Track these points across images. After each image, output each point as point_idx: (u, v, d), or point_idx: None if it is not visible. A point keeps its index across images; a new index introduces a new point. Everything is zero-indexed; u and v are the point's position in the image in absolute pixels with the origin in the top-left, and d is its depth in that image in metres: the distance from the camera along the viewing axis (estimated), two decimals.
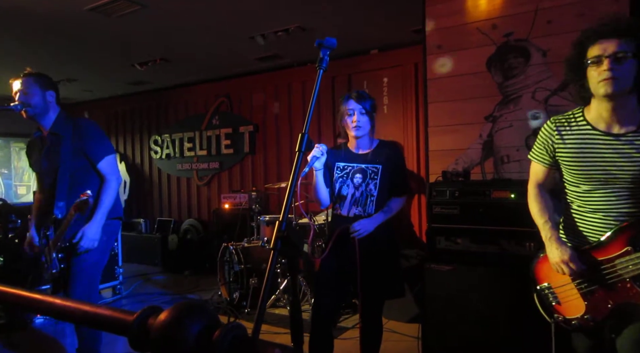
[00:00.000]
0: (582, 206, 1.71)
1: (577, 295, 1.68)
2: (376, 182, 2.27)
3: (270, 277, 0.96)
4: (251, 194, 5.19)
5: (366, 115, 2.27)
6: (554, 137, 1.73)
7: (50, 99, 2.47)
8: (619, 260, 1.57)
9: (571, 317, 1.69)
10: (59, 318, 0.77)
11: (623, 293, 1.57)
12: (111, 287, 4.76)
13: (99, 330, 2.47)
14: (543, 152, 1.79)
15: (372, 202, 2.28)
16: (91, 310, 0.69)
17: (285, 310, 4.02)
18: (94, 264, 2.47)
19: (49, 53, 4.87)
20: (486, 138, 2.95)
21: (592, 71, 1.58)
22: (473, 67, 2.97)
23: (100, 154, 2.46)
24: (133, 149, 7.33)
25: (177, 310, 0.59)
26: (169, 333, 0.57)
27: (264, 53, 5.01)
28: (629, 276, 1.55)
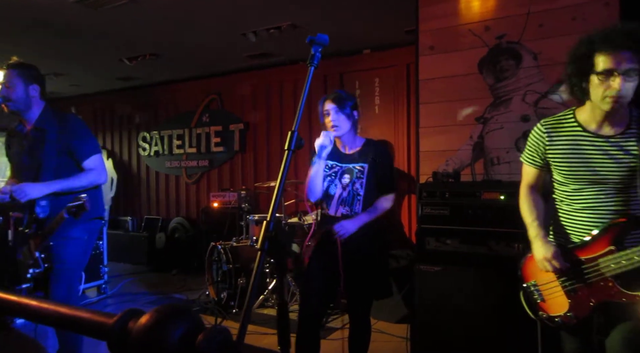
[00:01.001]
0: (571, 205, 1.73)
1: (561, 292, 1.71)
2: (362, 181, 2.26)
3: (256, 280, 0.94)
4: (240, 193, 5.15)
5: (342, 114, 2.26)
6: (544, 139, 1.75)
7: (34, 93, 2.38)
8: (602, 259, 1.61)
9: (554, 315, 1.72)
10: (35, 321, 0.74)
11: (604, 292, 1.61)
12: (96, 287, 4.68)
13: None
14: (534, 154, 1.81)
15: (359, 202, 2.26)
16: (69, 313, 0.66)
17: (274, 310, 3.99)
18: (75, 264, 2.43)
19: (35, 46, 4.77)
20: (477, 139, 2.96)
21: (599, 82, 1.53)
22: (465, 69, 2.98)
23: (86, 152, 2.40)
24: (121, 146, 7.23)
25: (159, 314, 0.57)
26: (149, 337, 0.55)
27: (256, 50, 4.97)
28: (611, 275, 1.59)
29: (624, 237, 1.60)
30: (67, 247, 2.36)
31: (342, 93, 2.32)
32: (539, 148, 1.77)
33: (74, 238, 2.39)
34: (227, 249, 4.10)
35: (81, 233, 2.42)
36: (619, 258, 1.56)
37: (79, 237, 2.41)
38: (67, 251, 2.36)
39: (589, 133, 1.66)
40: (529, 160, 1.85)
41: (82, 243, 2.43)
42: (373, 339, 2.42)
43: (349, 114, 2.28)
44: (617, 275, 1.58)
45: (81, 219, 2.39)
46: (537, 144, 1.78)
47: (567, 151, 1.69)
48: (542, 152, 1.77)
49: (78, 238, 2.41)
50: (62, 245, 2.34)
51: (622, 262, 1.55)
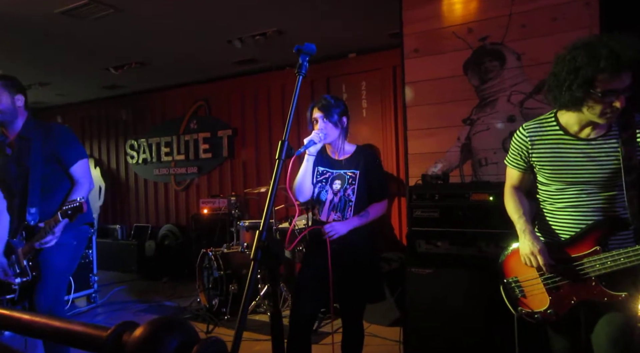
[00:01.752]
0: (554, 204, 1.76)
1: (542, 289, 1.74)
2: (354, 187, 2.27)
3: (250, 289, 0.94)
4: (230, 199, 5.12)
5: (329, 122, 2.27)
6: (527, 144, 1.76)
7: (20, 104, 2.40)
8: (588, 258, 1.63)
9: (534, 311, 1.75)
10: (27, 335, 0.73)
11: (587, 291, 1.64)
12: (86, 296, 4.61)
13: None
14: (517, 158, 1.83)
15: (350, 208, 2.27)
16: (62, 326, 0.66)
17: (266, 316, 3.98)
18: (63, 270, 2.41)
19: (20, 56, 4.72)
20: (464, 141, 2.99)
21: (599, 99, 1.50)
22: (450, 71, 3.01)
23: (72, 158, 2.41)
24: (108, 154, 7.16)
25: (153, 326, 0.57)
26: (144, 350, 0.55)
27: (242, 57, 4.97)
28: (595, 274, 1.61)
29: (609, 238, 1.63)
30: (56, 253, 2.34)
31: (330, 99, 2.32)
32: (522, 152, 1.79)
33: (63, 245, 2.36)
34: (218, 256, 4.08)
35: (70, 240, 2.40)
36: (604, 259, 1.59)
37: (68, 243, 2.39)
38: (55, 257, 2.34)
39: (571, 136, 1.68)
40: (512, 164, 1.87)
41: (71, 249, 2.41)
42: (366, 343, 2.42)
43: (337, 121, 2.28)
44: (601, 275, 1.60)
45: (70, 224, 2.38)
46: (520, 148, 1.80)
47: (550, 155, 1.71)
48: (525, 156, 1.79)
49: (67, 244, 2.39)
50: (51, 251, 2.32)
51: (607, 262, 1.58)
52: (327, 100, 2.32)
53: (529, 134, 1.76)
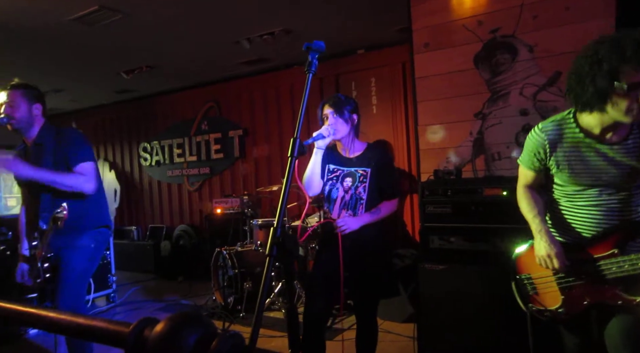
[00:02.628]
0: (573, 201, 1.72)
1: (555, 288, 1.71)
2: (365, 185, 2.27)
3: (266, 285, 0.95)
4: (243, 198, 5.16)
5: (340, 118, 2.27)
6: (545, 147, 1.68)
7: (37, 112, 2.44)
8: (604, 261, 1.60)
9: (545, 308, 1.73)
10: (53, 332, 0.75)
11: (602, 293, 1.60)
12: (105, 296, 4.71)
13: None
14: (533, 159, 1.76)
15: (361, 205, 2.28)
16: (86, 323, 0.68)
17: (280, 313, 4.00)
18: (82, 272, 2.45)
19: (34, 65, 4.81)
20: (476, 135, 2.97)
21: (625, 94, 1.43)
22: (461, 65, 2.99)
23: (77, 158, 2.40)
24: (122, 157, 7.26)
25: (173, 321, 0.59)
26: (165, 344, 0.57)
27: (251, 57, 5.00)
28: (611, 277, 1.58)
29: (628, 242, 1.59)
30: (75, 255, 2.40)
31: (340, 97, 2.33)
32: (538, 154, 1.72)
33: (81, 247, 2.43)
34: (232, 254, 4.12)
35: (88, 242, 2.46)
36: (622, 263, 1.55)
37: (86, 245, 2.45)
38: (74, 259, 2.40)
39: (592, 139, 1.61)
40: (527, 165, 1.80)
41: (89, 251, 2.46)
42: (380, 339, 2.43)
43: (347, 118, 2.29)
44: (617, 278, 1.57)
45: (87, 227, 2.44)
46: (536, 149, 1.72)
47: (570, 158, 1.65)
48: (542, 159, 1.72)
49: (85, 247, 2.45)
50: (70, 254, 2.39)
51: (625, 266, 1.55)
52: (338, 97, 2.34)
53: (547, 136, 1.68)
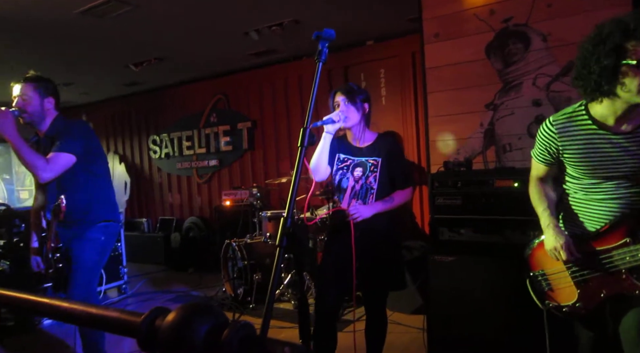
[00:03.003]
0: (588, 195, 1.69)
1: (570, 283, 1.69)
2: (376, 175, 2.26)
3: (277, 276, 0.95)
4: (252, 190, 5.17)
5: (352, 106, 2.26)
6: (557, 140, 1.65)
7: (49, 106, 2.44)
8: (617, 251, 1.57)
9: (563, 304, 1.71)
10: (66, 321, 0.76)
11: (617, 284, 1.58)
12: (116, 287, 4.77)
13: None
14: (545, 153, 1.74)
15: (372, 195, 2.27)
16: (98, 313, 0.69)
17: (290, 304, 4.02)
18: (92, 264, 2.48)
19: (43, 58, 4.84)
20: (487, 126, 2.93)
21: (635, 70, 1.39)
22: (472, 55, 2.95)
23: (59, 146, 2.30)
24: (132, 150, 7.31)
25: (185, 311, 0.59)
26: (177, 334, 0.57)
27: (259, 48, 4.98)
28: (625, 267, 1.55)
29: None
30: (85, 248, 2.43)
31: (352, 85, 2.33)
32: (550, 148, 1.69)
33: (91, 240, 2.46)
34: (242, 246, 4.14)
35: (98, 235, 2.49)
36: (635, 251, 1.53)
37: (96, 237, 2.47)
38: (84, 251, 2.43)
39: (606, 131, 1.56)
40: (539, 158, 1.78)
41: (99, 244, 2.49)
42: (389, 330, 2.43)
43: (359, 106, 2.28)
44: (632, 267, 1.54)
45: (94, 220, 2.46)
46: (548, 143, 1.69)
47: (584, 151, 1.61)
48: (555, 152, 1.69)
49: (95, 239, 2.47)
50: (80, 246, 2.42)
51: (638, 255, 1.52)
52: (350, 85, 2.33)
53: (558, 130, 1.64)
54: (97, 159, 2.53)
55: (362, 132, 2.32)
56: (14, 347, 3.34)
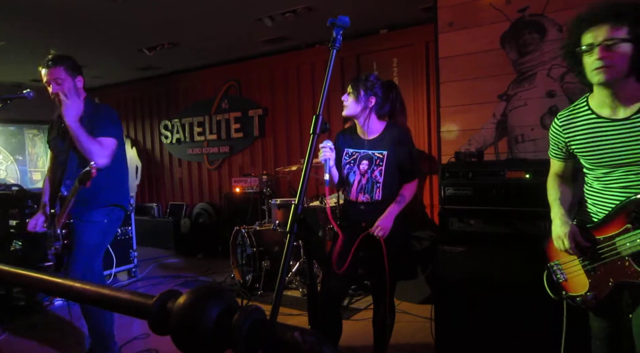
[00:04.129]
0: (603, 184, 1.70)
1: (581, 272, 1.71)
2: (382, 168, 2.26)
3: (287, 262, 0.96)
4: (262, 178, 5.20)
5: (351, 96, 2.27)
6: (562, 135, 1.75)
7: (80, 85, 2.49)
8: (619, 237, 1.58)
9: (575, 294, 1.73)
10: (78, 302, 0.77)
11: (622, 271, 1.59)
12: (126, 270, 4.84)
13: (106, 312, 2.53)
14: (556, 149, 1.83)
15: (378, 188, 2.27)
16: (110, 294, 0.70)
17: (298, 292, 4.06)
18: (93, 246, 2.51)
19: (57, 40, 4.85)
20: (500, 117, 2.90)
21: (586, 59, 1.57)
22: (486, 45, 2.90)
23: (103, 131, 2.42)
24: (144, 134, 7.37)
25: (196, 294, 0.59)
26: (188, 316, 0.57)
27: (272, 35, 4.95)
28: (627, 254, 1.56)
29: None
30: (87, 229, 2.46)
31: (361, 76, 2.32)
32: (559, 143, 1.79)
33: (94, 222, 2.49)
34: (251, 233, 4.17)
35: (101, 217, 2.51)
36: (634, 237, 1.53)
37: (99, 220, 2.50)
38: (86, 233, 2.46)
39: (604, 119, 1.63)
40: (552, 154, 1.87)
41: (102, 226, 2.51)
42: (397, 320, 2.45)
43: (361, 98, 2.26)
44: (633, 254, 1.55)
45: (101, 203, 2.49)
46: (556, 139, 1.79)
47: (587, 141, 1.67)
48: (564, 146, 1.77)
49: (98, 222, 2.50)
50: (83, 228, 2.45)
51: (637, 240, 1.52)
52: (359, 76, 2.33)
53: (562, 124, 1.74)
54: (122, 144, 2.60)
55: (367, 123, 2.30)
56: (24, 327, 3.43)
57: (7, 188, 4.31)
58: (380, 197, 2.27)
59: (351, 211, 2.36)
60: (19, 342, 3.17)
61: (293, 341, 0.53)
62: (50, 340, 3.15)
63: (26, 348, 3.06)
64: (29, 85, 2.34)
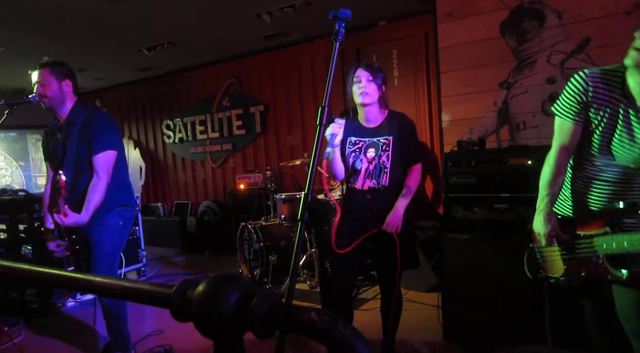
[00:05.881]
0: (596, 175, 1.66)
1: (559, 257, 1.77)
2: (388, 154, 2.28)
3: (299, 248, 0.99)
4: (266, 173, 5.22)
5: (374, 83, 2.26)
6: (589, 95, 1.51)
7: (67, 89, 2.47)
8: (597, 238, 1.63)
9: (551, 276, 1.81)
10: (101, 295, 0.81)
11: (595, 267, 1.65)
12: (135, 270, 4.90)
13: (124, 310, 2.57)
14: (573, 105, 1.55)
15: (385, 174, 2.29)
16: (131, 286, 0.73)
17: (306, 284, 4.10)
18: (112, 249, 2.55)
19: (57, 44, 4.88)
20: (501, 105, 2.91)
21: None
22: (486, 33, 2.91)
23: (99, 146, 2.41)
24: (146, 135, 7.40)
25: (215, 281, 0.62)
26: (209, 302, 0.60)
27: (271, 31, 4.96)
28: (602, 254, 1.62)
29: (621, 220, 1.59)
30: (104, 232, 2.50)
31: (374, 64, 2.34)
32: (579, 99, 1.53)
33: (110, 225, 2.52)
34: (257, 228, 4.20)
35: (116, 220, 2.55)
36: (611, 241, 1.58)
37: (114, 222, 2.54)
38: (103, 237, 2.50)
39: (632, 108, 1.47)
40: (564, 112, 1.59)
41: (117, 228, 2.55)
42: (405, 308, 2.48)
43: (380, 85, 2.29)
44: (607, 255, 1.60)
45: (111, 206, 2.52)
46: (577, 95, 1.54)
47: (607, 124, 1.52)
48: (584, 107, 1.54)
49: (114, 224, 2.54)
50: (99, 232, 2.48)
51: (613, 244, 1.57)
52: (371, 63, 2.35)
53: (594, 84, 1.49)
54: (121, 148, 2.60)
55: (374, 111, 2.33)
56: (38, 328, 3.48)
57: (15, 194, 4.36)
58: (387, 183, 2.28)
59: (356, 200, 2.37)
60: (38, 341, 3.23)
61: (310, 321, 0.56)
62: (66, 339, 3.21)
63: (45, 347, 3.12)
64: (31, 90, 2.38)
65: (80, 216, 2.33)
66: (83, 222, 2.34)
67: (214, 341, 0.60)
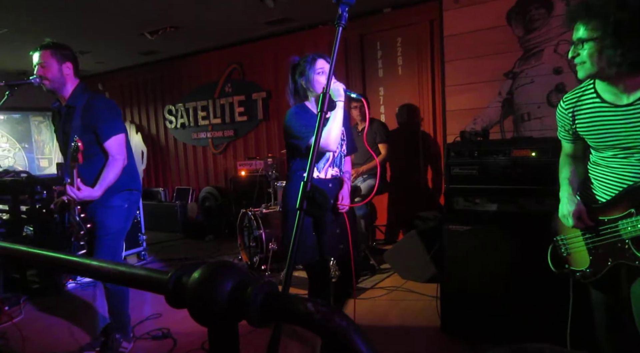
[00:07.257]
0: (609, 166, 1.71)
1: (584, 248, 1.76)
2: (345, 141, 2.31)
3: (297, 236, 0.98)
4: (267, 160, 5.21)
5: None
6: (568, 117, 1.76)
7: (67, 71, 2.45)
8: (622, 221, 1.62)
9: (576, 269, 1.79)
10: (97, 279, 0.80)
11: (620, 253, 1.63)
12: (136, 253, 4.92)
13: (126, 293, 2.59)
14: (563, 131, 1.84)
15: (342, 161, 2.32)
16: (128, 271, 0.72)
17: (303, 272, 4.11)
18: (117, 231, 2.56)
19: (59, 26, 4.84)
20: (506, 95, 2.88)
21: None
22: (492, 22, 2.87)
23: (107, 132, 2.43)
24: (148, 119, 7.37)
25: (210, 268, 0.61)
26: (203, 289, 0.59)
27: (274, 17, 4.90)
28: (628, 237, 1.60)
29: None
30: (109, 215, 2.50)
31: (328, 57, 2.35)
32: (565, 125, 1.80)
33: (115, 207, 2.52)
34: (257, 215, 4.20)
35: (121, 202, 2.55)
36: (636, 222, 1.56)
37: (119, 205, 2.54)
38: (109, 219, 2.50)
39: (608, 104, 1.64)
40: (561, 136, 1.88)
41: (123, 211, 2.56)
42: (403, 298, 2.48)
43: None
44: (633, 238, 1.59)
45: (118, 189, 2.52)
46: (562, 121, 1.80)
47: (590, 124, 1.68)
48: (570, 129, 1.78)
49: (119, 207, 2.54)
50: (105, 214, 2.49)
51: (638, 225, 1.55)
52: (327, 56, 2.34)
53: (567, 107, 1.76)
54: (126, 132, 2.60)
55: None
56: (40, 308, 3.51)
57: (17, 175, 4.36)
58: (344, 169, 2.33)
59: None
60: (37, 321, 3.26)
61: (306, 311, 0.55)
62: (67, 319, 3.23)
63: (44, 327, 3.15)
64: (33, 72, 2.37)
65: (93, 190, 2.36)
66: (95, 196, 2.38)
67: (208, 328, 0.60)
